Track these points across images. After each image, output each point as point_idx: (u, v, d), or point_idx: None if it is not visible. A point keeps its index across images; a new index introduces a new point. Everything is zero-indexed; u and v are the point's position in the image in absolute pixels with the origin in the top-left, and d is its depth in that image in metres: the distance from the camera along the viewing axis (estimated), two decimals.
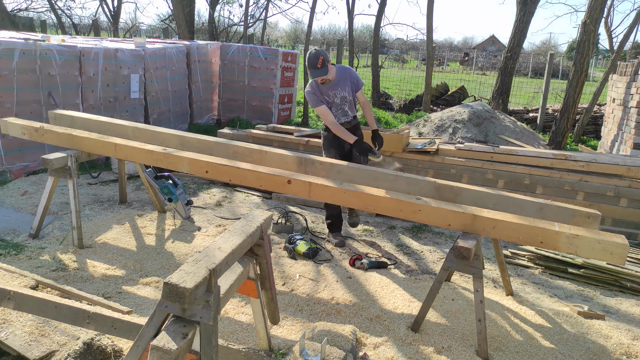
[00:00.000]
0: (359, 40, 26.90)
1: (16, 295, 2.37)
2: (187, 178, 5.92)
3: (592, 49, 8.05)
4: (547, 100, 10.53)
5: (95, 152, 3.88)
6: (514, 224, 2.67)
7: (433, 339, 2.88)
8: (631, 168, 4.72)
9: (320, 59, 3.79)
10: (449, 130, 7.94)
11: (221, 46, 9.39)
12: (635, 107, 6.75)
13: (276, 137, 5.94)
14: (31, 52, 5.36)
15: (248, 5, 15.05)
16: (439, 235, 4.73)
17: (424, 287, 3.51)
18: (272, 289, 2.53)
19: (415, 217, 2.92)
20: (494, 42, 57.05)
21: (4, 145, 5.28)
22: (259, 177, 3.22)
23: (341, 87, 4.06)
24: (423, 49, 28.40)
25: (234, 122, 8.96)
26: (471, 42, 63.53)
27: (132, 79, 6.75)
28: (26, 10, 19.41)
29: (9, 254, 3.63)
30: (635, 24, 11.47)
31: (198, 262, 1.82)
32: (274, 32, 40.61)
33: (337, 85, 4.03)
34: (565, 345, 2.91)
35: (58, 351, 2.35)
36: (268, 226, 2.45)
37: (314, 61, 3.80)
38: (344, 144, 4.10)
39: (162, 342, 1.61)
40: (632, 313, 3.41)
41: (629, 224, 4.70)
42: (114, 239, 4.08)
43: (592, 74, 25.71)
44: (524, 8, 10.44)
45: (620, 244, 2.46)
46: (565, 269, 3.94)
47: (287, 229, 4.49)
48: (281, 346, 2.70)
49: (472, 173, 5.17)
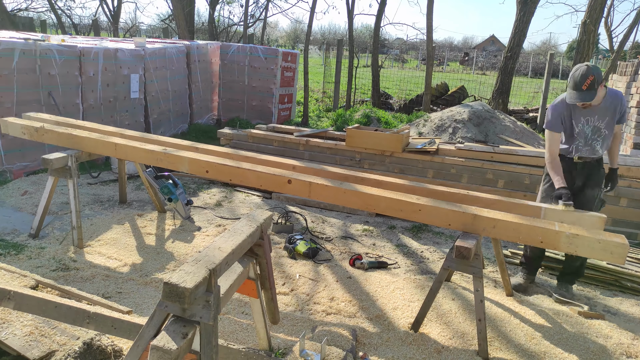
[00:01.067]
0: (359, 40, 26.92)
1: (16, 295, 2.37)
2: (187, 178, 5.92)
3: (592, 49, 8.06)
4: (547, 100, 10.53)
5: (96, 152, 3.88)
6: (514, 223, 2.67)
7: (433, 339, 2.88)
8: (631, 168, 4.72)
9: (589, 79, 3.02)
10: (449, 130, 7.94)
11: (221, 46, 9.39)
12: (635, 107, 6.75)
13: (276, 137, 5.94)
14: (31, 52, 5.36)
15: (248, 5, 15.07)
16: (439, 235, 4.73)
17: (424, 287, 3.51)
18: (272, 289, 2.53)
19: (415, 217, 2.92)
20: (494, 42, 57.06)
21: (4, 145, 5.27)
22: (259, 177, 3.22)
23: (600, 116, 3.24)
24: (423, 49, 28.40)
25: (234, 121, 8.97)
26: (471, 42, 63.58)
27: (132, 79, 6.75)
28: (26, 10, 19.42)
29: (9, 253, 3.63)
30: (635, 24, 11.48)
31: (198, 262, 1.82)
32: (274, 32, 40.64)
33: (597, 112, 3.23)
34: (565, 345, 2.91)
35: (58, 351, 2.35)
36: (268, 226, 2.45)
37: (580, 81, 3.05)
38: (575, 179, 3.38)
39: (162, 342, 1.61)
40: (632, 313, 3.41)
41: (629, 224, 4.70)
42: (114, 239, 4.08)
43: None
44: (524, 8, 10.44)
45: (620, 243, 2.46)
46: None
47: (287, 229, 4.49)
48: (281, 346, 2.70)
49: (472, 173, 5.17)
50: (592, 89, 3.05)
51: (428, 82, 11.31)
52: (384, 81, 15.77)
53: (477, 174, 5.15)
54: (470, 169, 5.17)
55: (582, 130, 3.29)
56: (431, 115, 8.71)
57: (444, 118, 8.27)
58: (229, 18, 21.96)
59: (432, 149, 5.28)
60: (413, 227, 4.82)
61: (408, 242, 4.51)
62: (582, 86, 3.06)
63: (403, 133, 5.40)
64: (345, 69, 12.11)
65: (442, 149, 5.37)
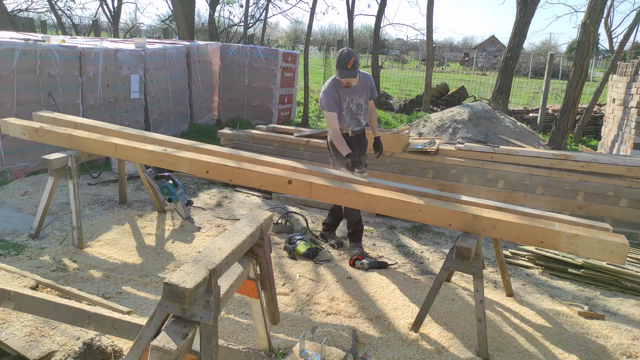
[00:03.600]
0: (359, 40, 26.92)
1: (16, 295, 2.37)
2: (187, 178, 5.92)
3: (592, 49, 8.05)
4: (547, 100, 10.54)
5: (96, 152, 3.88)
6: (515, 223, 2.67)
7: (433, 339, 2.88)
8: (631, 168, 4.72)
9: (352, 59, 3.62)
10: (449, 131, 7.94)
11: (221, 46, 9.39)
12: (635, 107, 6.75)
13: (276, 138, 5.94)
14: (31, 53, 5.36)
15: (248, 5, 15.07)
16: (439, 235, 4.73)
17: (424, 287, 3.51)
18: (272, 289, 2.53)
19: (416, 217, 2.92)
20: (494, 42, 57.02)
21: (4, 145, 5.28)
22: (259, 177, 3.22)
23: (359, 94, 3.90)
24: (423, 49, 28.41)
25: (234, 122, 8.97)
26: (471, 42, 63.54)
27: (132, 79, 6.75)
28: (26, 11, 19.42)
29: (9, 254, 3.63)
30: (635, 24, 11.47)
31: (198, 262, 1.82)
32: (274, 33, 40.64)
33: (356, 91, 3.87)
34: (565, 345, 2.91)
35: (58, 351, 2.35)
36: (268, 226, 2.45)
37: (345, 61, 3.62)
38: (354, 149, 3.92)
39: (162, 342, 1.61)
40: (632, 313, 3.41)
41: (629, 224, 4.70)
42: (114, 239, 4.08)
43: (592, 74, 25.71)
44: (524, 8, 10.44)
45: (620, 243, 2.46)
46: (566, 269, 3.94)
47: (287, 229, 4.49)
48: (281, 346, 2.70)
49: (472, 173, 5.17)
50: (354, 68, 3.65)
51: (428, 83, 11.31)
52: (384, 81, 15.77)
53: (477, 174, 5.15)
54: (471, 169, 5.17)
55: (348, 107, 3.89)
56: (431, 116, 8.71)
57: (444, 118, 8.27)
58: (229, 19, 21.95)
59: (432, 149, 5.29)
60: (413, 228, 4.82)
61: (408, 242, 4.51)
62: (348, 65, 3.62)
63: (403, 133, 5.40)
64: None
65: (442, 149, 5.37)
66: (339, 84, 3.82)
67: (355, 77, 3.71)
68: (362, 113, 3.97)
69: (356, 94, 3.88)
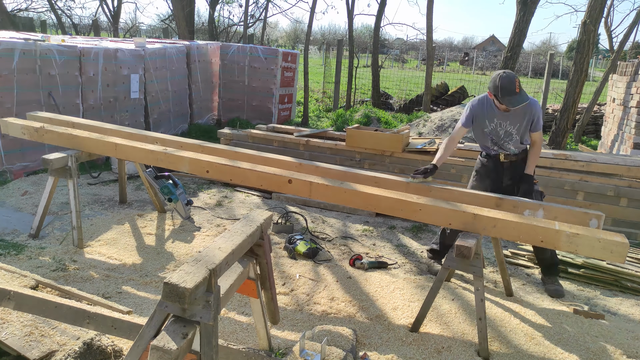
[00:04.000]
0: (359, 40, 26.89)
1: (16, 295, 2.37)
2: (187, 178, 5.92)
3: (592, 49, 8.05)
4: (547, 100, 10.53)
5: (96, 152, 3.88)
6: (515, 222, 2.67)
7: (433, 339, 2.88)
8: (631, 168, 4.72)
9: (517, 80, 3.12)
10: (449, 130, 7.94)
11: (221, 46, 9.39)
12: (635, 107, 6.75)
13: (276, 137, 5.94)
14: (31, 52, 5.36)
15: (248, 5, 15.07)
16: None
17: (424, 287, 3.51)
18: (272, 289, 2.53)
19: (416, 217, 2.92)
20: (494, 42, 57.05)
21: (4, 145, 5.27)
22: (259, 177, 3.22)
23: (512, 122, 3.34)
24: (423, 49, 28.39)
25: (234, 122, 8.97)
26: (471, 42, 63.58)
27: (132, 79, 6.75)
28: (26, 11, 19.41)
29: (9, 254, 3.63)
30: (635, 24, 11.47)
31: (198, 262, 1.82)
32: (274, 32, 40.61)
33: (509, 117, 3.34)
34: (565, 345, 2.91)
35: (58, 351, 2.35)
36: (268, 226, 2.45)
37: (511, 86, 3.10)
38: (503, 178, 3.58)
39: (162, 342, 1.61)
40: (632, 313, 3.41)
41: (629, 224, 4.70)
42: (114, 239, 4.08)
43: (592, 74, 25.70)
44: (524, 8, 10.42)
45: (620, 242, 2.46)
46: (565, 269, 3.93)
47: (287, 229, 4.49)
48: (281, 346, 2.70)
49: (471, 173, 5.15)
50: (522, 90, 3.15)
51: (428, 82, 11.31)
52: (384, 81, 15.76)
53: None
54: (470, 169, 5.15)
55: (494, 129, 3.45)
56: (431, 115, 8.71)
57: (444, 118, 8.27)
58: (229, 18, 21.98)
59: (432, 148, 5.28)
60: (413, 227, 4.82)
61: (408, 242, 4.50)
62: (516, 89, 3.13)
63: (403, 133, 5.40)
64: (345, 69, 12.10)
65: None
66: (490, 104, 3.39)
67: (528, 100, 3.17)
68: (510, 142, 3.45)
69: (508, 120, 3.35)
